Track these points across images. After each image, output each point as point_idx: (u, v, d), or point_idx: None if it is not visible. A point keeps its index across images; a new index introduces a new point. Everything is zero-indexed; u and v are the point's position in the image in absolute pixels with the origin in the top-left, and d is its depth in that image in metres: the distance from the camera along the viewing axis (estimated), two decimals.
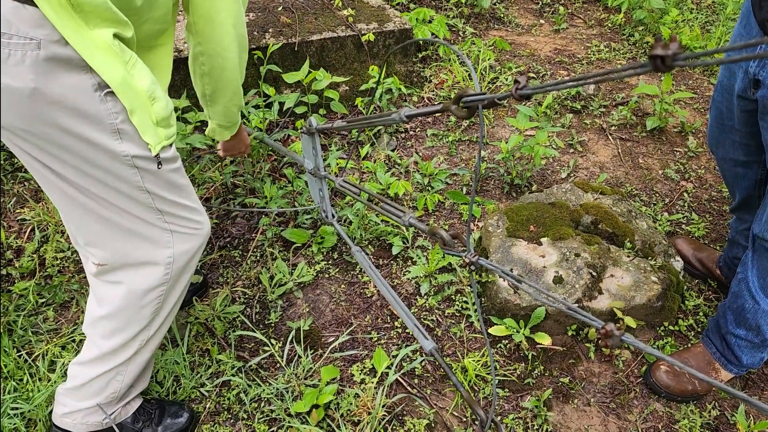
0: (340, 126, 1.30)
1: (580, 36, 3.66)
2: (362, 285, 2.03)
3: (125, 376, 1.44)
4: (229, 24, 1.35)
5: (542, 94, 2.92)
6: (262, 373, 1.75)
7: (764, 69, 1.38)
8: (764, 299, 1.56)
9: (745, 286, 1.59)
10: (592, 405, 1.71)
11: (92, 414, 1.46)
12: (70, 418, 1.46)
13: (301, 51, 2.61)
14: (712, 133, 1.78)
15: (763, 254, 1.53)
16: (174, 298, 1.42)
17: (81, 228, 1.28)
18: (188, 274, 1.42)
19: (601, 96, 3.03)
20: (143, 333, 1.41)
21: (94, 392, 1.44)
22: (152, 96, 1.16)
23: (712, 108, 1.74)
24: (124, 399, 1.49)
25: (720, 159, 1.82)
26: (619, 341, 0.65)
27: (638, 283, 1.85)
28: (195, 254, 1.40)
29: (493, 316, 1.87)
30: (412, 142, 2.70)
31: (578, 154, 2.65)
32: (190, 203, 1.35)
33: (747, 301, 1.59)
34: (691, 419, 1.67)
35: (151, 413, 1.56)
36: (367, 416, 1.61)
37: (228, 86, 1.48)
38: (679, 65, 0.47)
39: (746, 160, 1.72)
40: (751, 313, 1.58)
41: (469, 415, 1.67)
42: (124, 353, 1.41)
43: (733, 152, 1.74)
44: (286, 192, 2.29)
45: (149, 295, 1.36)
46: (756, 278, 1.57)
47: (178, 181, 1.30)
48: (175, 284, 1.40)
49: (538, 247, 1.94)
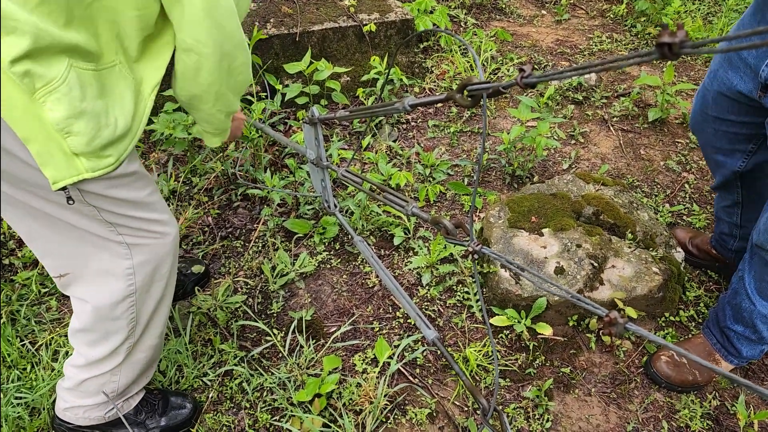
0: (343, 116, 1.30)
1: (581, 27, 3.65)
2: (364, 275, 2.04)
3: (120, 377, 1.43)
4: (198, 7, 1.07)
5: (544, 85, 2.91)
6: (265, 363, 1.76)
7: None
8: (760, 301, 1.57)
9: (743, 285, 1.60)
10: (593, 395, 1.72)
11: (93, 410, 1.46)
12: (72, 412, 1.47)
13: (303, 41, 2.61)
14: (695, 119, 1.77)
15: (759, 261, 1.54)
16: (150, 306, 1.37)
17: (32, 240, 1.22)
18: (161, 283, 1.36)
19: (602, 87, 3.02)
20: (127, 341, 1.38)
21: (90, 392, 1.44)
22: (65, 130, 1.00)
23: (699, 95, 1.72)
24: (125, 394, 1.49)
25: (702, 144, 1.82)
26: (623, 329, 0.65)
27: (639, 274, 1.85)
28: (160, 264, 1.33)
29: (494, 306, 1.88)
30: (414, 133, 2.69)
31: (580, 146, 2.65)
32: (146, 215, 1.25)
33: (744, 300, 1.60)
34: (691, 409, 1.67)
35: (155, 404, 1.56)
36: (369, 405, 1.62)
37: (207, 91, 1.24)
38: (686, 53, 0.47)
39: (729, 149, 1.72)
40: (748, 312, 1.59)
41: (471, 404, 1.68)
42: (112, 360, 1.40)
43: (715, 140, 1.73)
44: (288, 182, 2.29)
45: (118, 307, 1.31)
46: (752, 281, 1.58)
47: (128, 197, 1.19)
48: (146, 294, 1.34)
49: (540, 238, 1.94)
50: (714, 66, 1.62)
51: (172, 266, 1.37)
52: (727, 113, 1.62)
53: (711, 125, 1.70)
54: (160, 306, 1.41)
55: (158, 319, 1.43)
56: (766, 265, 1.51)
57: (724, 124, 1.65)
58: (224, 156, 2.35)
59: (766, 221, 1.47)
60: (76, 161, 1.04)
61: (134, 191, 1.20)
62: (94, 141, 1.04)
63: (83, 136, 1.02)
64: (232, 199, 2.29)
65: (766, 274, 1.52)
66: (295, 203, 2.26)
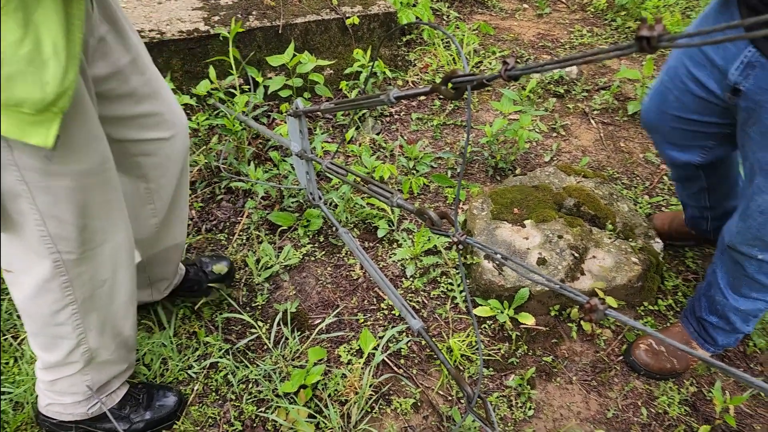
0: (328, 108, 1.31)
1: (563, 21, 3.68)
2: (348, 267, 2.05)
3: (91, 377, 1.42)
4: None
5: (526, 78, 2.94)
6: (250, 355, 1.76)
7: (747, 79, 1.30)
8: (732, 295, 1.61)
9: (716, 279, 1.64)
10: (574, 383, 1.75)
11: (74, 406, 1.46)
12: (53, 408, 1.46)
13: (285, 34, 2.60)
14: (650, 116, 1.68)
15: (730, 260, 1.57)
16: (101, 313, 1.32)
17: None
18: (102, 289, 1.29)
19: (583, 81, 3.05)
20: (81, 348, 1.34)
21: (64, 392, 1.43)
22: None
23: (657, 92, 1.63)
24: (105, 390, 1.48)
25: (656, 141, 1.75)
26: (604, 315, 0.67)
27: (619, 264, 1.89)
28: (97, 272, 1.26)
29: (477, 297, 1.90)
30: (397, 126, 2.70)
31: (561, 138, 2.68)
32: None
33: (717, 293, 1.64)
34: (669, 395, 1.71)
35: (139, 398, 1.55)
36: (354, 396, 1.63)
37: None
38: (664, 46, 0.49)
39: (687, 145, 1.66)
40: (721, 305, 1.63)
41: (455, 393, 1.70)
42: (71, 366, 1.37)
43: (672, 137, 1.67)
44: (271, 175, 2.29)
45: (59, 315, 1.26)
46: (724, 276, 1.61)
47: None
48: (90, 302, 1.28)
49: (522, 229, 1.97)
50: (673, 62, 1.55)
51: (114, 272, 1.30)
52: (689, 112, 1.55)
53: (669, 123, 1.63)
54: (112, 309, 1.35)
55: (118, 321, 1.38)
56: (736, 264, 1.54)
57: (685, 122, 1.58)
58: (207, 149, 2.34)
59: (738, 223, 1.48)
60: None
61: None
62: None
63: None
64: (216, 192, 2.29)
65: (736, 271, 1.56)
66: (279, 196, 2.27)
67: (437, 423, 1.64)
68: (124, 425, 1.52)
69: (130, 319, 1.43)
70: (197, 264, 1.84)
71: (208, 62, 2.47)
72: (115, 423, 1.50)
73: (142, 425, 1.53)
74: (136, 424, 1.53)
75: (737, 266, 1.54)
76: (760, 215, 1.40)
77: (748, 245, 1.47)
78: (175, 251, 1.65)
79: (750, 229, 1.44)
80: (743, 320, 1.63)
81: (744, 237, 1.46)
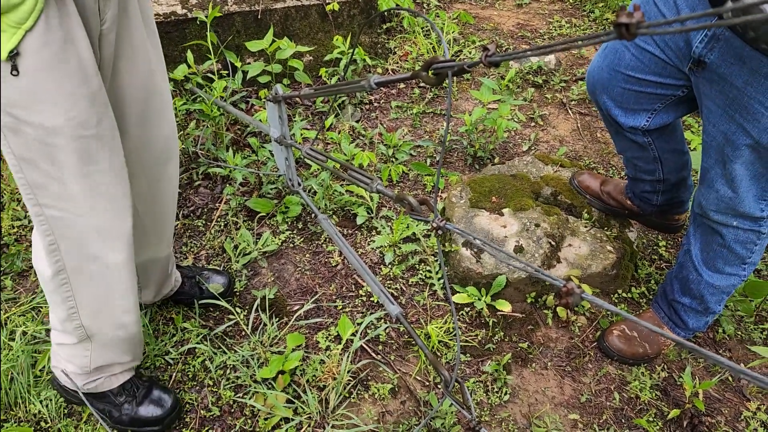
0: (308, 93, 1.30)
1: (542, 11, 3.70)
2: (327, 254, 2.05)
3: (90, 356, 1.43)
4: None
5: (505, 68, 2.95)
6: (228, 341, 1.76)
7: (712, 52, 1.30)
8: (706, 272, 1.64)
9: (689, 258, 1.67)
10: (549, 368, 1.78)
11: (74, 376, 1.47)
12: (56, 371, 1.51)
13: (265, 19, 2.58)
14: (600, 77, 1.63)
15: (705, 230, 1.60)
16: (91, 288, 1.31)
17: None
18: (93, 265, 1.27)
19: (561, 71, 3.08)
20: (71, 323, 1.35)
21: (67, 359, 1.46)
22: None
23: (610, 50, 1.58)
24: (107, 371, 1.49)
25: (603, 104, 1.67)
26: (580, 298, 0.68)
27: (594, 253, 1.92)
28: (84, 242, 1.24)
29: (455, 284, 1.92)
30: (377, 114, 2.70)
31: (539, 128, 2.70)
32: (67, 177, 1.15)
33: (691, 272, 1.67)
34: (641, 380, 1.75)
35: (135, 392, 1.54)
36: (332, 381, 1.64)
37: None
38: (642, 33, 0.50)
39: (635, 108, 1.61)
40: (695, 284, 1.67)
41: (432, 379, 1.72)
42: (67, 336, 1.40)
43: (621, 100, 1.61)
44: (250, 161, 2.28)
45: (52, 281, 1.29)
46: (699, 251, 1.65)
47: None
48: (79, 275, 1.28)
49: (500, 217, 1.99)
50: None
51: (104, 252, 1.27)
52: (646, 72, 1.50)
53: (621, 83, 1.57)
54: (110, 296, 1.34)
55: (117, 311, 1.37)
56: (711, 233, 1.58)
57: (639, 83, 1.53)
58: (185, 134, 2.31)
59: (707, 193, 1.51)
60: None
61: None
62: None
63: None
64: (194, 178, 2.27)
65: (712, 242, 1.59)
66: (257, 182, 2.25)
67: (415, 408, 1.66)
68: (115, 412, 1.51)
69: (133, 314, 1.41)
70: (195, 277, 1.81)
71: (186, 46, 2.44)
72: (93, 409, 1.49)
73: (127, 419, 1.53)
74: (123, 416, 1.52)
75: (714, 235, 1.57)
76: (731, 184, 1.43)
77: (722, 213, 1.51)
78: (153, 266, 1.62)
79: (722, 199, 1.47)
80: (717, 299, 1.67)
81: (716, 206, 1.50)
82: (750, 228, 1.52)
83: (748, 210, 1.47)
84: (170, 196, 1.52)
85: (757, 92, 1.26)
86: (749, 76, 1.25)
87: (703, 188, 1.53)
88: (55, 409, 1.56)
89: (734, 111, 1.33)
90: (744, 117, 1.31)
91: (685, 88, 1.50)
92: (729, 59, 1.27)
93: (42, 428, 1.54)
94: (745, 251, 1.57)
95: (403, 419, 1.63)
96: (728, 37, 1.26)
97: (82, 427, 1.54)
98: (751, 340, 1.88)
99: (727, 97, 1.32)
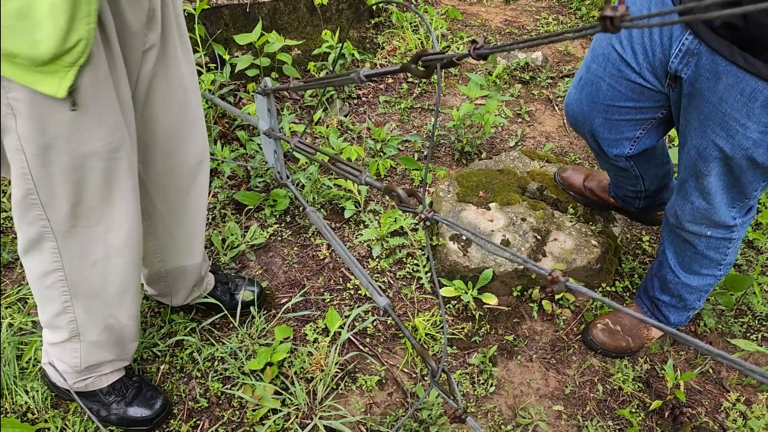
0: (297, 86, 1.31)
1: (529, 8, 3.72)
2: (315, 248, 2.06)
3: (80, 354, 1.43)
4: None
5: (493, 63, 2.97)
6: (216, 333, 1.76)
7: (688, 66, 1.29)
8: (683, 273, 1.67)
9: (666, 259, 1.70)
10: (534, 361, 1.81)
11: (65, 374, 1.48)
12: (47, 368, 1.51)
13: (253, 12, 2.57)
14: (580, 111, 1.61)
15: (677, 238, 1.62)
16: (89, 288, 1.32)
17: None
18: (94, 269, 1.29)
19: (548, 68, 3.10)
20: (65, 317, 1.35)
21: (57, 357, 1.46)
22: None
23: (586, 82, 1.55)
24: (96, 370, 1.49)
25: (587, 135, 1.67)
26: (565, 287, 0.70)
27: (579, 247, 1.95)
28: (87, 252, 1.25)
29: (442, 277, 1.94)
30: (365, 108, 2.71)
31: (526, 124, 2.73)
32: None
33: (668, 272, 1.70)
34: (624, 373, 1.78)
35: (125, 392, 1.54)
36: (320, 373, 1.65)
37: None
38: (627, 26, 0.51)
39: (617, 138, 1.60)
40: (673, 284, 1.70)
41: (419, 371, 1.74)
42: (58, 333, 1.39)
43: (603, 131, 1.60)
44: (238, 155, 2.28)
45: (48, 278, 1.28)
46: (674, 256, 1.67)
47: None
48: (78, 275, 1.29)
49: (487, 211, 2.01)
50: (601, 50, 1.47)
51: (107, 257, 1.29)
52: (624, 100, 1.49)
53: (602, 115, 1.56)
54: (104, 294, 1.34)
55: (110, 308, 1.37)
56: (684, 242, 1.61)
57: (619, 111, 1.52)
58: None
59: (682, 204, 1.51)
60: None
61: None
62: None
63: None
64: None
65: (686, 249, 1.62)
66: (245, 175, 2.25)
67: (402, 399, 1.67)
68: (104, 411, 1.52)
69: (126, 311, 1.41)
70: (228, 284, 1.81)
71: None
72: (83, 407, 1.49)
73: (115, 419, 1.53)
74: (111, 415, 1.53)
75: (687, 245, 1.60)
76: (705, 196, 1.45)
77: (696, 224, 1.53)
78: (182, 274, 1.64)
79: (698, 210, 1.49)
80: (695, 297, 1.71)
81: (692, 216, 1.52)
82: (722, 236, 1.54)
83: (721, 219, 1.49)
84: (200, 206, 1.54)
85: (732, 108, 1.24)
86: (724, 92, 1.24)
87: (679, 199, 1.53)
88: (42, 401, 1.56)
89: (707, 127, 1.31)
90: (717, 133, 1.30)
91: (664, 109, 1.49)
92: (705, 74, 1.26)
93: (29, 419, 1.54)
94: (719, 255, 1.60)
95: (390, 410, 1.64)
96: (702, 51, 1.24)
97: (69, 418, 1.54)
98: (731, 333, 1.92)
99: (701, 112, 1.30)
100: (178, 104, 1.31)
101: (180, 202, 1.48)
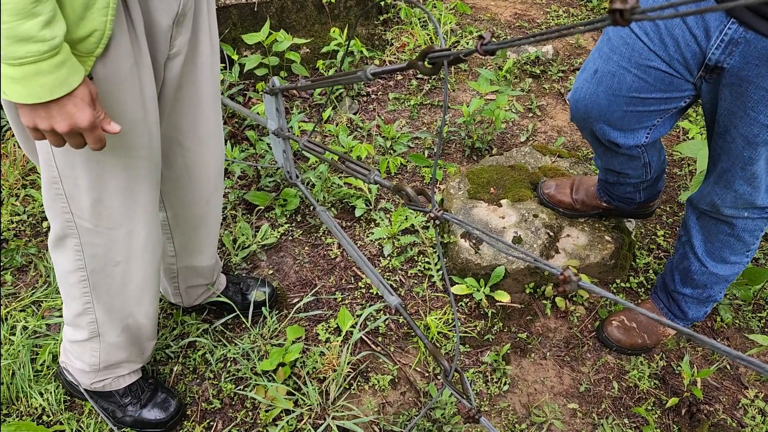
0: (305, 85, 1.30)
1: (539, 1, 3.68)
2: (326, 247, 2.05)
3: (99, 354, 1.44)
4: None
5: (503, 58, 2.94)
6: (228, 334, 1.76)
7: (732, 56, 1.26)
8: (710, 262, 1.64)
9: (690, 249, 1.66)
10: (548, 358, 1.79)
11: (81, 373, 1.49)
12: (65, 365, 1.52)
13: (261, 11, 2.57)
14: (597, 104, 1.54)
15: (710, 223, 1.59)
16: (111, 288, 1.33)
17: None
18: (117, 269, 1.30)
19: (559, 61, 3.07)
20: (86, 317, 1.37)
21: (76, 355, 1.47)
22: None
23: (605, 75, 1.49)
24: (114, 371, 1.50)
25: (598, 131, 1.60)
26: (577, 286, 0.69)
27: (593, 243, 1.92)
28: (110, 252, 1.27)
29: (454, 275, 1.92)
30: (374, 106, 2.70)
31: (537, 119, 2.70)
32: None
33: (693, 263, 1.66)
34: (640, 370, 1.76)
35: (140, 394, 1.55)
36: (332, 373, 1.65)
37: None
38: (637, 19, 0.50)
39: (635, 128, 1.55)
40: (698, 274, 1.66)
41: (432, 369, 1.73)
42: (79, 332, 1.41)
43: (622, 123, 1.54)
44: (248, 155, 2.28)
45: (71, 276, 1.31)
46: (701, 243, 1.63)
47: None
48: (102, 275, 1.30)
49: (498, 208, 1.99)
50: (623, 41, 1.43)
51: (128, 259, 1.30)
52: (650, 90, 1.45)
53: (622, 107, 1.50)
54: (124, 294, 1.36)
55: (129, 307, 1.39)
56: (718, 224, 1.57)
57: (643, 102, 1.48)
58: None
59: (721, 192, 1.49)
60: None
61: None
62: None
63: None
64: None
65: (719, 233, 1.58)
66: (255, 175, 2.25)
67: (414, 399, 1.67)
68: (119, 412, 1.53)
69: (144, 310, 1.43)
70: (239, 284, 1.82)
71: None
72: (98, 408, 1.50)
73: (130, 420, 1.54)
74: (126, 417, 1.53)
75: (721, 227, 1.57)
76: (752, 182, 1.43)
77: (736, 208, 1.51)
78: (193, 274, 1.65)
79: (741, 197, 1.47)
80: (720, 288, 1.68)
81: (733, 202, 1.49)
82: (759, 216, 1.53)
83: (761, 202, 1.48)
84: (217, 212, 1.56)
85: None
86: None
87: (718, 189, 1.50)
88: (56, 403, 1.57)
89: (758, 113, 1.30)
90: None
91: (687, 98, 1.47)
92: (753, 61, 1.24)
93: (44, 422, 1.55)
94: (751, 238, 1.58)
95: (403, 410, 1.64)
96: (749, 39, 1.23)
97: (84, 420, 1.55)
98: (749, 328, 1.89)
99: (750, 99, 1.29)
100: (205, 113, 1.32)
101: (201, 209, 1.50)
